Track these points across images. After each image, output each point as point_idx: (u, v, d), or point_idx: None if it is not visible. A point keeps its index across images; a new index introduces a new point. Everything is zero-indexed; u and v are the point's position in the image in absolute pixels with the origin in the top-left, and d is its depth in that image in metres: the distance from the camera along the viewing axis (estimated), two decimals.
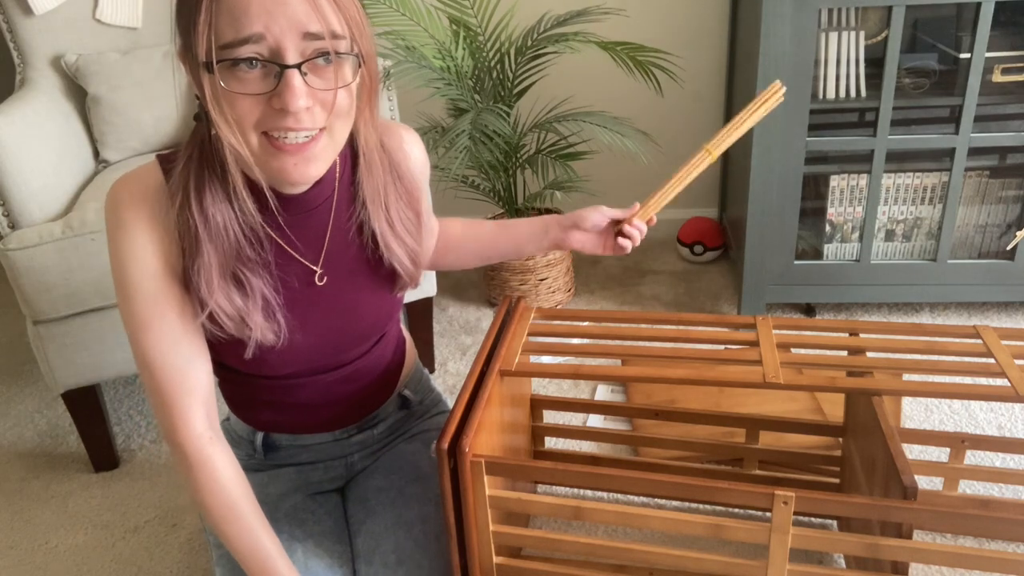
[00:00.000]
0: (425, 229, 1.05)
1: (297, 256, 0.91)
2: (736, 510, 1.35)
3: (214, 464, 0.90)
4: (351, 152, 0.93)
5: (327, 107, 0.77)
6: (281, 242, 0.90)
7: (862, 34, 1.71)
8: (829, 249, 1.85)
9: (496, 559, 1.04)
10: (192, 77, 0.78)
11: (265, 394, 1.02)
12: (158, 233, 0.84)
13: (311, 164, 0.79)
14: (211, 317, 0.85)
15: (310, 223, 0.91)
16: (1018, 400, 0.99)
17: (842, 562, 1.25)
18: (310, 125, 0.76)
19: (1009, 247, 1.78)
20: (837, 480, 1.30)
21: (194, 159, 0.84)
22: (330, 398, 1.03)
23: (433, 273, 1.74)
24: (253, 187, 0.84)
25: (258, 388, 1.02)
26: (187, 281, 0.85)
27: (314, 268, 0.93)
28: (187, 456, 0.90)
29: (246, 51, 0.72)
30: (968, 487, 1.36)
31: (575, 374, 1.11)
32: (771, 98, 1.04)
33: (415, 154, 0.99)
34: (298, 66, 0.73)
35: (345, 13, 0.76)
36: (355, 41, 0.78)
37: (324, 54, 0.75)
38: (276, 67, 0.73)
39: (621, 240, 1.05)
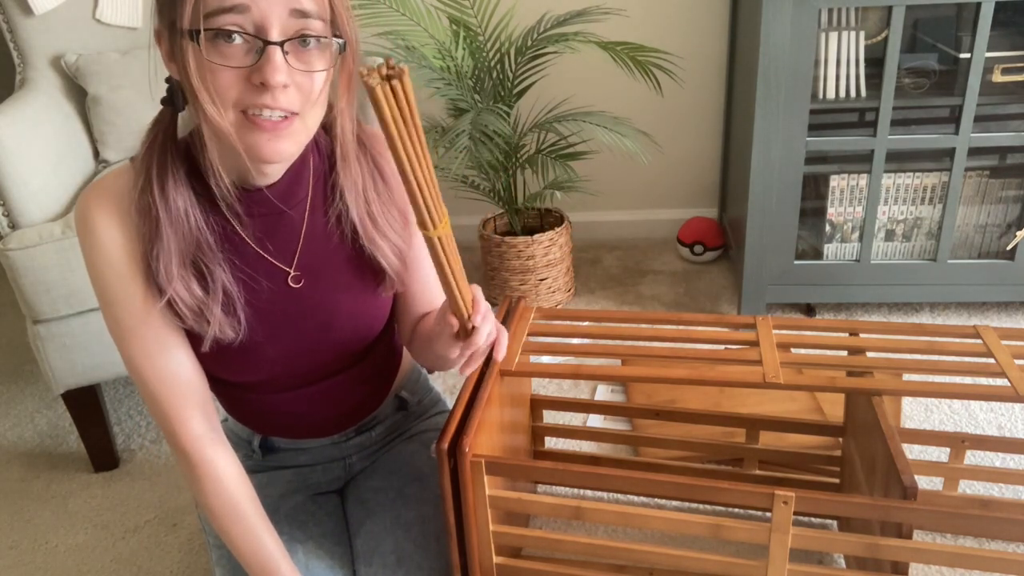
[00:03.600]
0: (421, 271, 0.98)
1: (266, 256, 0.89)
2: (736, 510, 1.35)
3: (216, 465, 0.90)
4: (328, 150, 0.91)
5: (303, 90, 0.77)
6: (248, 240, 0.88)
7: (862, 34, 1.71)
8: (829, 249, 1.85)
9: (496, 559, 1.04)
10: (169, 53, 0.78)
11: (251, 404, 1.02)
12: (129, 236, 0.83)
13: (283, 142, 0.78)
14: (169, 305, 0.84)
15: (283, 222, 0.89)
16: (1018, 400, 0.99)
17: (842, 562, 1.25)
18: (285, 105, 0.76)
19: (1009, 247, 1.78)
20: (837, 480, 1.30)
21: (157, 143, 0.83)
22: (317, 409, 1.02)
23: None
24: (220, 183, 0.84)
25: (240, 398, 1.01)
26: (149, 269, 0.83)
27: (287, 269, 0.91)
28: (189, 458, 0.90)
29: (229, 20, 0.72)
30: (968, 487, 1.36)
31: (575, 374, 1.11)
32: (386, 95, 0.62)
33: None
34: (280, 43, 0.74)
35: None
36: (340, 26, 0.78)
37: (307, 36, 0.75)
38: (259, 42, 0.73)
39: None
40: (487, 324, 0.82)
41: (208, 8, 0.72)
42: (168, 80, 0.84)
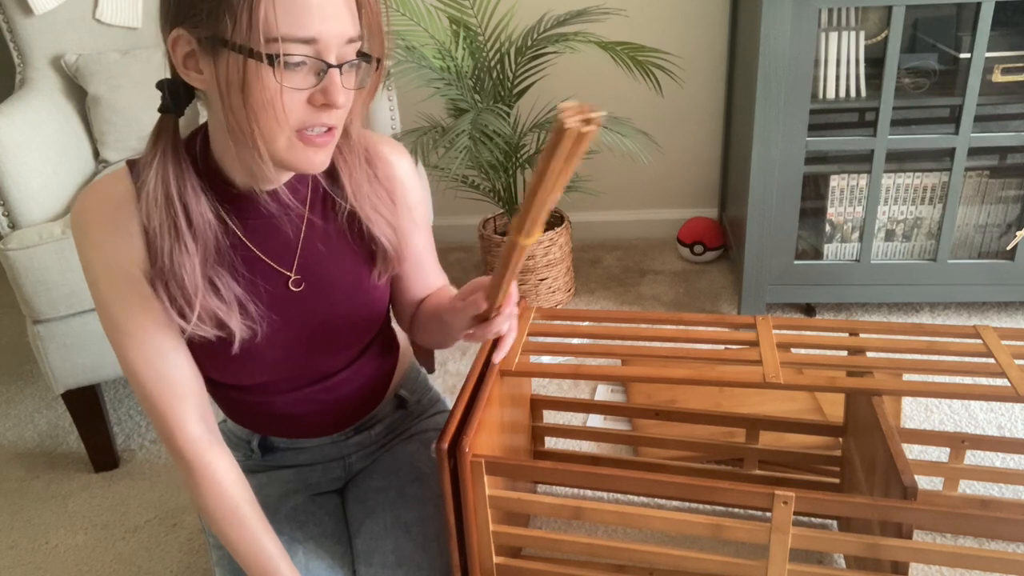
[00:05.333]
0: (419, 256, 1.01)
1: (267, 260, 0.90)
2: (736, 510, 1.35)
3: (214, 468, 0.90)
4: None
5: (347, 108, 0.80)
6: (251, 244, 0.89)
7: (862, 34, 1.71)
8: (829, 249, 1.85)
9: (496, 559, 1.04)
10: (189, 62, 0.77)
11: (249, 406, 1.02)
12: (126, 241, 0.83)
13: (326, 152, 0.81)
14: (196, 321, 0.85)
15: (283, 226, 0.90)
16: (1018, 400, 0.99)
17: (842, 562, 1.25)
18: (336, 121, 0.80)
19: (1009, 247, 1.78)
20: (837, 480, 1.30)
21: (169, 156, 0.82)
22: (316, 408, 1.02)
23: None
24: (223, 189, 0.85)
25: (238, 400, 1.01)
26: (165, 284, 0.84)
27: (287, 274, 0.91)
28: (186, 461, 0.90)
29: (299, 49, 0.74)
30: (968, 487, 1.36)
31: (575, 374, 1.11)
32: (574, 138, 0.64)
33: (398, 162, 0.97)
34: (339, 67, 0.77)
35: (375, 20, 0.80)
36: (378, 45, 0.81)
37: (355, 59, 0.79)
38: (323, 64, 0.75)
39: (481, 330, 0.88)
40: (506, 320, 0.86)
41: (281, 33, 0.72)
42: (163, 86, 0.83)
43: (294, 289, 0.92)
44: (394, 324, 1.11)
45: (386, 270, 0.97)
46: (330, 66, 0.75)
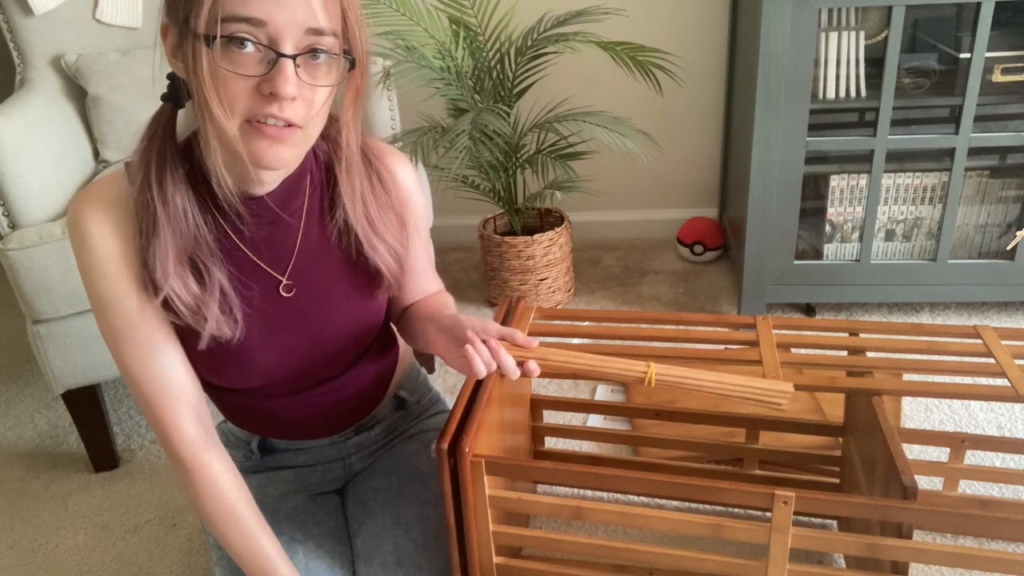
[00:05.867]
0: (415, 267, 1.00)
1: (260, 263, 0.89)
2: (736, 510, 1.35)
3: (211, 470, 0.90)
4: (325, 160, 0.91)
5: (308, 104, 0.77)
6: (242, 246, 0.88)
7: (862, 34, 1.71)
8: (829, 249, 1.85)
9: (496, 559, 1.04)
10: (174, 50, 0.78)
11: (247, 409, 1.02)
12: (120, 242, 0.83)
13: (284, 149, 0.78)
14: (166, 303, 0.84)
15: (278, 231, 0.89)
16: (1018, 400, 0.99)
17: (842, 562, 1.25)
18: (290, 116, 0.76)
19: (1009, 247, 1.78)
20: (837, 480, 1.30)
21: (156, 140, 0.83)
22: (315, 411, 1.02)
23: None
24: (218, 188, 0.84)
25: (236, 403, 1.01)
26: (145, 262, 0.83)
27: (279, 278, 0.91)
28: (183, 463, 0.90)
29: (243, 29, 0.72)
30: (968, 487, 1.36)
31: (575, 374, 1.11)
32: (769, 399, 0.90)
33: (404, 174, 0.97)
34: (293, 57, 0.74)
35: (346, 15, 0.77)
36: (352, 43, 0.79)
37: (318, 51, 0.76)
38: (272, 53, 0.74)
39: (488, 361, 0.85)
40: (493, 358, 0.85)
41: (224, 13, 0.72)
42: (170, 76, 0.84)
43: (285, 294, 0.91)
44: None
45: (385, 291, 0.97)
46: (279, 55, 0.73)
